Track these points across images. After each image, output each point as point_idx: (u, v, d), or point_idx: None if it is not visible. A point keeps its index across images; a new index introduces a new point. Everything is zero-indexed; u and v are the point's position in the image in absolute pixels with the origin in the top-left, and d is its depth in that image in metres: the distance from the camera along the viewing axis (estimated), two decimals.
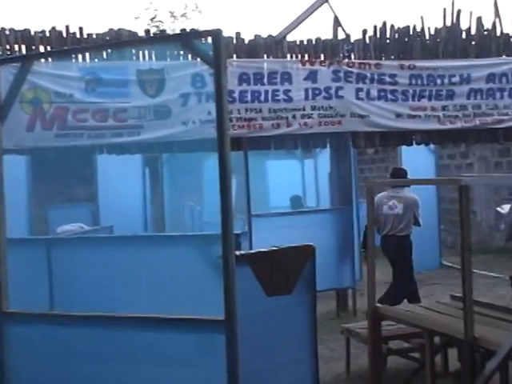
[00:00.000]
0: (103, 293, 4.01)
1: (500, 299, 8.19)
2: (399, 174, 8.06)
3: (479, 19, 8.94)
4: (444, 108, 8.68)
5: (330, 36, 8.45)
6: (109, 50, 7.19)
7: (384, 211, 7.83)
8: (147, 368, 3.11)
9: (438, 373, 5.40)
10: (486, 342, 4.19)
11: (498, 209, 7.81)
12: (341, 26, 8.50)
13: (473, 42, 8.92)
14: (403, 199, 7.86)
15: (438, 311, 5.22)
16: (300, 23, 8.26)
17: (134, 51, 7.50)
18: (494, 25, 9.01)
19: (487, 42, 8.96)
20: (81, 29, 7.57)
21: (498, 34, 9.02)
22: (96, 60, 7.59)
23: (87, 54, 7.45)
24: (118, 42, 6.78)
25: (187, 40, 2.94)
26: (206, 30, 2.83)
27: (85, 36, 7.55)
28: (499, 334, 4.22)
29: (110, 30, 7.63)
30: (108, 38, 7.55)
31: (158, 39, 3.25)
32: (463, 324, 4.23)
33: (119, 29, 7.64)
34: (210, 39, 2.80)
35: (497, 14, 9.03)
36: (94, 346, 3.16)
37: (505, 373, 4.48)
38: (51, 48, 7.40)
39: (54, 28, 7.51)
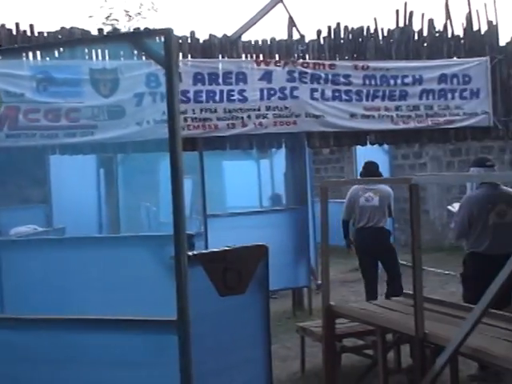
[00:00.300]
0: (56, 295, 3.96)
1: (451, 296, 8.35)
2: (371, 168, 8.14)
3: (431, 21, 9.10)
4: (397, 108, 8.80)
5: (284, 36, 8.51)
6: (61, 49, 7.09)
7: (361, 203, 7.96)
8: (101, 370, 3.08)
9: (391, 369, 5.48)
10: (436, 338, 4.26)
11: (449, 207, 7.96)
12: (295, 26, 8.56)
13: (425, 44, 9.07)
14: (379, 191, 7.99)
15: (390, 308, 5.29)
16: (255, 23, 8.29)
17: (87, 50, 7.40)
18: (445, 27, 9.18)
19: (439, 44, 9.12)
20: (31, 27, 7.44)
21: (449, 35, 9.19)
22: (48, 59, 7.47)
23: (38, 53, 7.33)
24: (70, 40, 6.69)
25: (138, 39, 2.92)
26: (157, 29, 2.82)
27: (36, 34, 7.43)
28: (449, 330, 4.30)
29: (62, 28, 7.53)
30: (60, 37, 7.44)
31: (110, 38, 3.22)
32: (414, 321, 4.30)
33: (71, 27, 7.54)
34: (161, 38, 2.79)
35: (448, 17, 9.20)
36: (46, 349, 3.12)
37: (455, 367, 4.57)
38: (0, 46, 7.26)
39: (3, 26, 7.37)
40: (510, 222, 5.79)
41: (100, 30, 8.19)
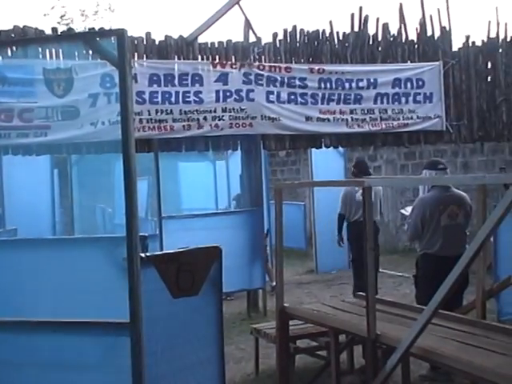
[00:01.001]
0: (7, 297, 3.89)
1: (405, 297, 8.48)
2: (362, 166, 8.88)
3: (385, 25, 9.21)
4: (352, 111, 8.89)
5: (241, 38, 8.52)
6: (13, 48, 6.97)
7: (357, 198, 8.48)
8: (52, 373, 3.06)
9: (344, 370, 5.55)
10: (388, 339, 4.32)
11: (402, 211, 8.11)
12: (252, 28, 8.58)
13: (379, 48, 9.19)
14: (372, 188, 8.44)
15: (343, 310, 5.35)
16: (211, 25, 8.27)
17: (40, 50, 7.29)
18: (399, 31, 9.30)
19: (393, 48, 9.25)
20: None
21: (404, 40, 9.33)
22: (0, 58, 7.34)
23: None
24: (23, 39, 6.59)
25: (91, 39, 2.90)
26: (109, 30, 2.81)
27: None
28: (400, 331, 4.37)
29: (15, 26, 7.40)
30: (13, 36, 7.33)
31: (63, 38, 3.18)
32: (366, 322, 4.36)
33: (25, 26, 7.41)
34: (115, 39, 2.77)
35: (402, 21, 9.34)
36: None
37: (406, 368, 4.65)
38: None
39: None
40: (460, 224, 5.94)
41: (54, 29, 8.07)
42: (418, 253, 6.20)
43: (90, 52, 7.37)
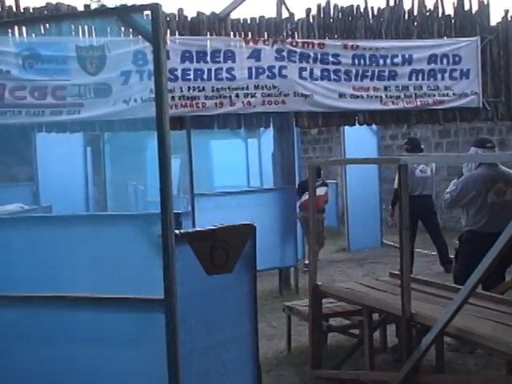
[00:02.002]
0: (42, 273, 3.93)
1: (438, 276, 8.39)
2: (416, 143, 9.33)
3: (421, 0, 9.04)
4: (386, 88, 8.77)
5: (273, 15, 8.43)
6: (47, 25, 6.99)
7: (417, 175, 8.96)
8: (87, 348, 3.08)
9: (377, 348, 5.52)
10: (423, 318, 4.28)
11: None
12: (285, 4, 8.49)
13: (415, 23, 9.02)
14: (429, 164, 8.94)
15: (377, 289, 5.31)
16: (243, 1, 8.20)
17: (73, 27, 7.31)
18: (435, 6, 9.12)
19: (429, 23, 9.08)
20: (17, 2, 7.33)
21: (440, 15, 9.14)
22: (34, 35, 7.37)
23: (24, 30, 7.22)
24: (56, 15, 6.60)
25: (125, 14, 2.87)
26: (143, 5, 2.76)
27: (21, 10, 7.33)
28: (435, 310, 4.32)
29: (48, 3, 7.42)
30: (46, 12, 7.35)
31: (96, 13, 3.18)
32: (400, 301, 4.31)
33: (57, 2, 7.43)
34: (148, 14, 2.74)
35: None
36: (33, 326, 3.11)
37: (440, 347, 4.60)
38: None
39: None
40: (508, 201, 5.91)
41: (86, 6, 8.07)
42: (463, 229, 6.23)
43: (123, 28, 7.36)
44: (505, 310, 4.41)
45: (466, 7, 9.24)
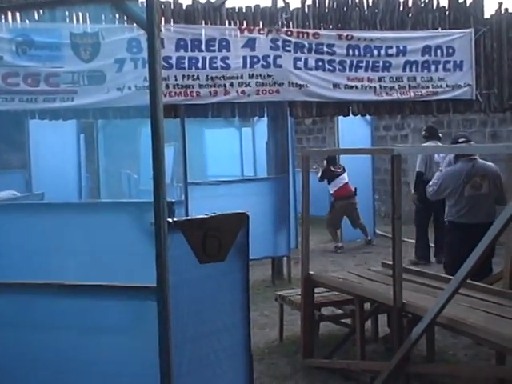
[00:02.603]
0: (34, 260, 3.93)
1: (430, 267, 8.43)
2: (433, 131, 9.34)
3: None
4: (380, 79, 8.77)
5: (268, 4, 8.40)
6: (40, 11, 6.94)
7: (435, 159, 9.04)
8: (79, 336, 3.07)
9: (368, 338, 5.55)
10: (414, 308, 4.31)
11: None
12: None
13: (409, 14, 9.01)
14: None
15: (369, 278, 5.34)
16: None
17: (67, 13, 7.27)
18: None
19: (423, 15, 9.07)
20: None
21: (434, 6, 9.13)
22: (27, 21, 7.32)
23: (18, 15, 7.18)
24: (50, 1, 6.54)
25: (119, 2, 2.85)
26: None
27: None
28: (427, 300, 4.35)
29: None
30: None
31: (90, 0, 3.16)
32: (392, 291, 4.34)
33: None
34: (143, 2, 2.73)
35: None
36: (24, 313, 3.11)
37: (431, 337, 4.63)
38: None
39: None
40: (485, 194, 6.22)
41: None
42: (446, 220, 6.57)
43: (117, 16, 7.33)
44: (495, 301, 4.44)
45: None
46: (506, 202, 5.98)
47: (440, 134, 9.51)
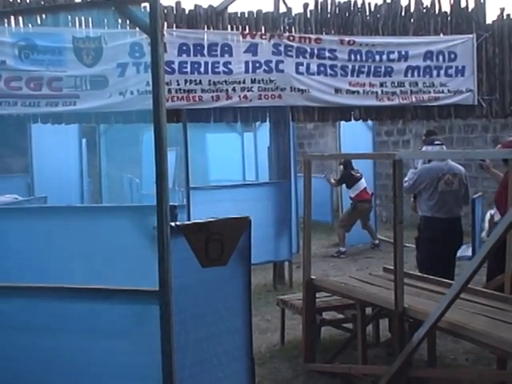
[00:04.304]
0: (37, 264, 3.94)
1: None
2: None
3: None
4: (382, 84, 8.78)
5: (271, 9, 8.43)
6: (43, 15, 6.96)
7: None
8: (82, 339, 3.08)
9: (370, 342, 5.55)
10: (415, 313, 4.31)
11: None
12: None
13: (412, 20, 9.03)
14: None
15: (370, 283, 5.34)
16: None
17: (70, 18, 7.29)
18: (432, 3, 9.13)
19: (425, 20, 9.08)
20: None
21: (436, 12, 9.15)
22: (30, 26, 7.34)
23: (21, 20, 7.20)
24: (53, 5, 6.59)
25: (122, 6, 2.87)
26: None
27: (18, 0, 7.29)
28: (428, 305, 4.35)
29: None
30: (43, 3, 7.32)
31: (94, 4, 3.15)
32: (394, 295, 4.34)
33: None
34: (146, 6, 2.74)
35: None
36: (27, 317, 3.12)
37: (432, 341, 4.63)
38: None
39: None
40: (455, 190, 6.76)
41: None
42: (420, 217, 6.97)
43: (120, 20, 7.35)
44: (497, 306, 4.44)
45: (463, 5, 9.24)
46: (469, 200, 7.10)
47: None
